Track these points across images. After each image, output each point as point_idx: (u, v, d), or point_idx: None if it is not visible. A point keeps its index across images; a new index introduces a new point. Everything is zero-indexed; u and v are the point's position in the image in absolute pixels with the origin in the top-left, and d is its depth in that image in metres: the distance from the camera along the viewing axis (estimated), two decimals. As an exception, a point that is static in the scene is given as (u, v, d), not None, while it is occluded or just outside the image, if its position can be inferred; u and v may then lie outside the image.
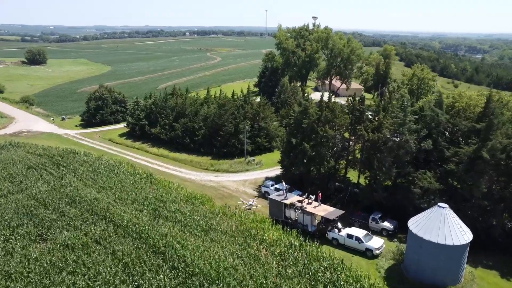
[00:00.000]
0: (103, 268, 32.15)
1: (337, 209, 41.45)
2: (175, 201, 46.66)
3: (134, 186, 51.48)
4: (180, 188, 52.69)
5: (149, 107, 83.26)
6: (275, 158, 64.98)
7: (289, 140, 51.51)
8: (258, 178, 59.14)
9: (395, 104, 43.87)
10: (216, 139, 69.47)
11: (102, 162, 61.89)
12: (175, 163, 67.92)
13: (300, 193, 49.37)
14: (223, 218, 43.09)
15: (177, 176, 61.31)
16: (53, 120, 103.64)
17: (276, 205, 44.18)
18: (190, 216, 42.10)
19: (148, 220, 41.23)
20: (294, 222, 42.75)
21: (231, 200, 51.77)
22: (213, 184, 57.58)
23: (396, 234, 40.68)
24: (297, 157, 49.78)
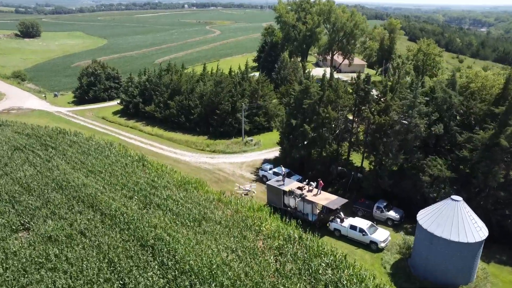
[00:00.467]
0: (86, 265, 29.75)
1: (339, 197, 38.81)
2: (167, 187, 44.00)
3: (125, 170, 48.71)
4: (173, 172, 49.96)
5: (143, 84, 79.66)
6: (274, 138, 61.99)
7: (288, 121, 48.38)
8: (256, 160, 56.36)
9: (404, 84, 40.51)
10: (212, 118, 66.36)
11: (93, 143, 58.92)
12: (169, 143, 65.00)
13: (300, 177, 46.72)
14: (218, 206, 40.53)
15: (171, 157, 58.53)
16: (45, 97, 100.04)
17: (275, 192, 41.55)
18: (183, 204, 39.49)
19: (137, 209, 38.64)
20: (294, 210, 40.23)
21: (227, 185, 49.16)
22: (208, 166, 54.85)
23: (402, 224, 38.22)
24: (297, 139, 46.80)
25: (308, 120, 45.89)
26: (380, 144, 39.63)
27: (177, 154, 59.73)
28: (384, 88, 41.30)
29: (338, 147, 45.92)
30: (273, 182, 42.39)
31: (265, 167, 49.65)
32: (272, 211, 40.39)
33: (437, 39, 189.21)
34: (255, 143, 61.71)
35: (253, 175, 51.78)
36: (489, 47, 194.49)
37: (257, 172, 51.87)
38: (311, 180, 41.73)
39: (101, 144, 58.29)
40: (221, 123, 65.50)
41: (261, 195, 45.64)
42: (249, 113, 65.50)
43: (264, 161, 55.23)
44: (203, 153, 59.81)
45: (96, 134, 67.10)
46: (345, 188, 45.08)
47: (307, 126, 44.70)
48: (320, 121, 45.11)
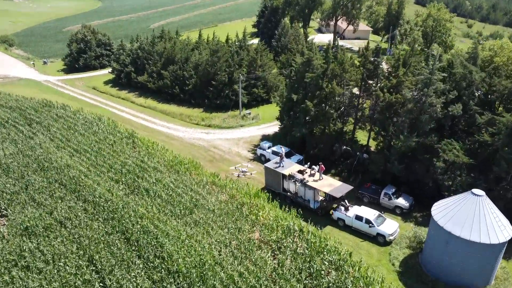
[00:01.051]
0: (64, 263, 26.87)
1: (344, 183, 35.52)
2: (157, 169, 40.67)
3: (113, 148, 45.25)
4: (164, 150, 46.52)
5: (135, 52, 74.83)
6: (273, 111, 58.09)
7: (289, 95, 44.37)
8: (254, 136, 52.79)
9: (418, 57, 36.27)
10: (208, 90, 62.21)
11: (80, 117, 55.13)
12: (163, 116, 61.21)
13: (301, 157, 43.37)
14: (212, 191, 37.38)
15: (164, 133, 54.94)
16: (33, 64, 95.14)
17: (273, 175, 38.29)
18: (173, 189, 36.29)
19: (123, 195, 35.48)
20: (294, 196, 37.12)
21: (222, 164, 45.86)
22: (203, 143, 51.36)
23: (411, 212, 35.17)
24: (298, 116, 42.99)
25: (311, 96, 41.92)
26: (389, 125, 35.91)
27: (170, 129, 56.10)
28: (396, 62, 37.05)
29: (343, 126, 42.17)
30: (272, 164, 39.02)
31: (263, 146, 46.17)
32: (270, 196, 37.28)
33: (445, 2, 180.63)
34: (253, 117, 57.94)
35: (250, 153, 48.38)
36: (501, 10, 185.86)
37: (255, 150, 48.44)
38: (313, 162, 38.40)
39: (89, 118, 54.51)
40: (217, 95, 61.44)
41: (259, 177, 42.43)
42: (247, 85, 61.32)
43: (262, 137, 51.67)
44: (198, 128, 56.15)
45: (85, 107, 63.15)
46: (349, 170, 41.77)
47: (309, 102, 40.77)
48: (324, 97, 41.16)
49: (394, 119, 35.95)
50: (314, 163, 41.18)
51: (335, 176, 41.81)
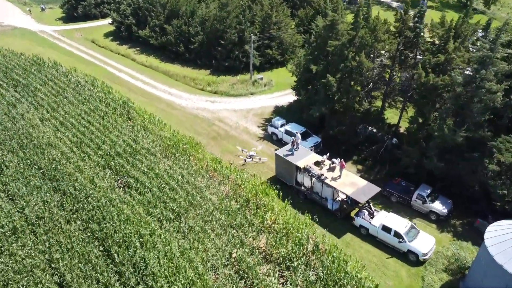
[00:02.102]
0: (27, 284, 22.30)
1: (370, 183, 29.48)
2: (151, 151, 35.11)
3: (104, 122, 39.61)
4: (162, 125, 40.72)
5: (136, 2, 66.73)
6: (289, 76, 51.10)
7: (307, 65, 37.31)
8: (265, 107, 46.35)
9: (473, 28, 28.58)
10: (216, 49, 54.94)
11: (72, 80, 49.12)
12: (165, 79, 54.66)
13: (318, 140, 37.27)
14: (212, 182, 31.97)
15: (165, 100, 48.80)
16: (29, 11, 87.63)
17: (285, 166, 32.50)
18: (167, 182, 30.92)
19: (109, 187, 30.32)
20: (309, 192, 31.47)
21: (227, 143, 40.03)
22: (207, 114, 45.24)
23: (449, 219, 29.34)
24: (317, 92, 36.22)
25: (333, 68, 34.83)
26: (430, 111, 29.09)
27: (172, 96, 49.85)
28: (446, 32, 29.34)
29: (370, 105, 35.33)
30: (284, 151, 33.05)
31: (275, 123, 39.85)
32: (280, 192, 31.65)
33: None
34: (265, 83, 51.06)
35: (260, 129, 42.23)
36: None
37: (266, 127, 42.27)
38: (332, 144, 32.41)
39: (81, 82, 48.43)
40: (226, 56, 54.26)
41: (269, 163, 36.61)
42: (260, 45, 53.83)
43: (274, 110, 45.25)
44: (202, 95, 49.72)
45: (80, 65, 57.09)
46: (375, 158, 35.57)
47: (331, 77, 33.78)
48: (349, 71, 34.06)
49: (437, 105, 29.04)
50: (333, 145, 35.30)
51: (357, 165, 35.85)
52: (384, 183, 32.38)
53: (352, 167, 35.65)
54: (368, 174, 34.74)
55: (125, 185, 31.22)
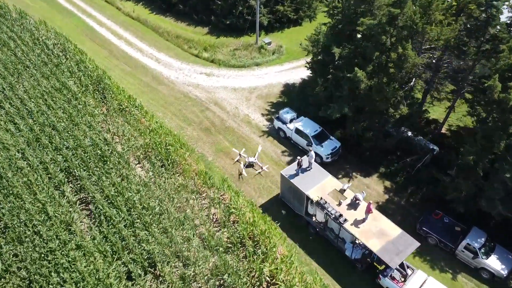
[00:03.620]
0: None
1: (406, 235, 21.83)
2: (123, 158, 27.69)
3: (70, 107, 31.76)
4: (143, 113, 32.78)
5: None
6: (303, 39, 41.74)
7: (328, 44, 28.14)
8: (273, 85, 37.60)
9: None
10: (215, 3, 44.69)
11: (39, 41, 40.26)
12: (154, 38, 45.22)
13: (337, 146, 29.29)
14: (199, 203, 25.02)
15: (151, 70, 40.06)
16: None
17: (293, 191, 25.03)
18: (139, 212, 23.89)
19: (61, 222, 23.44)
20: (322, 227, 24.30)
21: (223, 138, 32.26)
22: (200, 94, 36.83)
23: (508, 280, 22.23)
24: (339, 86, 27.46)
25: (363, 57, 25.78)
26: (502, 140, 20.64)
27: (159, 64, 40.97)
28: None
29: (410, 109, 26.62)
30: (292, 171, 25.30)
31: (283, 117, 31.52)
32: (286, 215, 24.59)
33: None
34: (274, 51, 41.67)
35: (265, 119, 34.04)
36: None
37: (272, 115, 34.07)
38: (354, 149, 24.61)
39: (50, 46, 39.57)
40: (228, 13, 44.20)
41: (273, 177, 29.07)
42: None
43: (284, 90, 36.56)
44: (197, 65, 40.73)
45: (56, 14, 47.97)
46: (409, 174, 27.72)
47: (360, 70, 24.85)
48: (384, 63, 25.04)
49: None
50: (354, 151, 27.59)
51: (384, 180, 28.19)
52: (419, 218, 25.04)
53: (377, 183, 28.10)
54: (398, 196, 27.26)
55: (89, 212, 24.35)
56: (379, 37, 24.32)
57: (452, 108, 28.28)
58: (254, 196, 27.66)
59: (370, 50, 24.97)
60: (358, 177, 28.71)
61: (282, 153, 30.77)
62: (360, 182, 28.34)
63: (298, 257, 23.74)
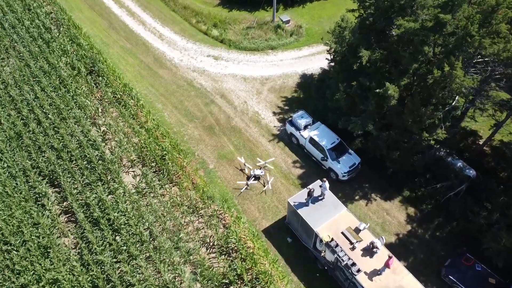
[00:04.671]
0: None
1: None
2: (113, 164, 24.51)
3: (56, 97, 28.35)
4: (139, 106, 29.18)
5: None
6: (328, 17, 36.76)
7: (355, 42, 23.45)
8: (288, 75, 33.14)
9: None
10: (228, -31, 39.19)
11: (32, 6, 36.17)
12: (159, 8, 40.37)
13: (356, 162, 25.53)
14: (195, 220, 22.11)
15: (153, 49, 35.74)
16: None
17: (301, 223, 21.68)
18: (125, 239, 21.08)
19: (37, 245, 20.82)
20: (331, 267, 21.14)
21: (227, 141, 28.63)
22: (205, 83, 32.72)
23: None
24: (364, 100, 23.12)
25: (397, 67, 21.22)
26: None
27: (163, 41, 36.53)
28: None
29: (447, 133, 22.25)
30: (301, 199, 21.80)
31: (297, 122, 27.42)
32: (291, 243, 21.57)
33: None
34: (292, 31, 36.63)
35: (277, 118, 30.04)
36: None
37: (285, 114, 30.05)
38: (374, 165, 21.18)
39: (40, 16, 35.47)
40: (242, -18, 38.76)
41: (281, 189, 25.64)
42: (290, -32, 37.64)
43: (301, 83, 32.15)
44: (204, 44, 36.16)
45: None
46: (437, 204, 23.89)
47: (392, 85, 20.44)
48: (422, 78, 20.50)
49: None
50: (375, 168, 24.07)
51: (408, 206, 24.57)
52: (446, 261, 21.59)
53: (399, 210, 24.52)
54: (422, 229, 23.72)
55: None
56: (420, 47, 19.62)
57: (502, 123, 23.70)
58: (258, 217, 24.46)
59: (407, 60, 20.35)
60: (377, 199, 25.07)
61: (293, 164, 27.10)
62: (379, 206, 24.74)
63: (302, 298, 20.92)
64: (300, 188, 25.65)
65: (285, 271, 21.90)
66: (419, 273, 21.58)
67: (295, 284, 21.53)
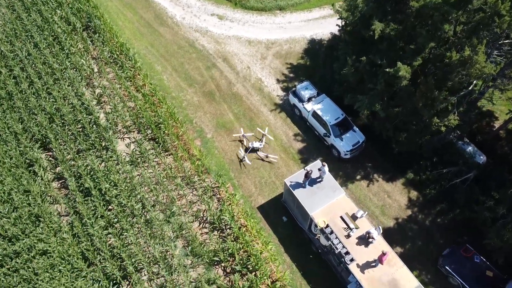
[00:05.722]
0: None
1: None
2: (107, 131, 23.64)
3: (50, 56, 26.93)
4: (138, 69, 27.72)
5: None
6: None
7: (367, 15, 21.39)
8: (296, 40, 31.04)
9: None
10: None
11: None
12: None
13: (360, 141, 24.27)
14: (189, 193, 21.67)
15: (154, 5, 33.53)
16: None
17: (297, 204, 20.97)
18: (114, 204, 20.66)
19: (28, 213, 20.49)
20: (325, 250, 20.67)
21: (227, 108, 27.41)
22: (208, 44, 30.88)
23: None
24: (373, 77, 21.46)
25: (411, 45, 19.37)
26: None
27: (166, -4, 34.18)
28: None
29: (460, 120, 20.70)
30: (298, 178, 20.91)
31: (301, 93, 25.92)
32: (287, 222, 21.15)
33: None
34: (303, -10, 33.88)
35: (280, 87, 28.48)
36: None
37: (289, 83, 28.47)
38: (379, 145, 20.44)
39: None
40: None
41: (281, 164, 24.71)
42: None
43: (309, 48, 30.19)
44: (208, 0, 33.75)
45: None
46: (441, 190, 22.87)
47: (404, 67, 18.75)
48: (440, 61, 18.74)
49: None
50: (378, 148, 23.19)
51: (411, 189, 23.67)
52: (444, 250, 20.96)
53: (401, 193, 23.63)
54: (423, 214, 22.94)
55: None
56: (440, 25, 17.66)
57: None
58: (254, 193, 23.77)
59: (424, 38, 18.47)
60: (379, 181, 24.11)
61: (295, 137, 25.96)
62: (380, 188, 23.83)
63: (293, 281, 20.67)
64: (299, 163, 24.73)
65: (278, 251, 21.52)
66: (416, 260, 21.14)
67: (287, 265, 21.20)
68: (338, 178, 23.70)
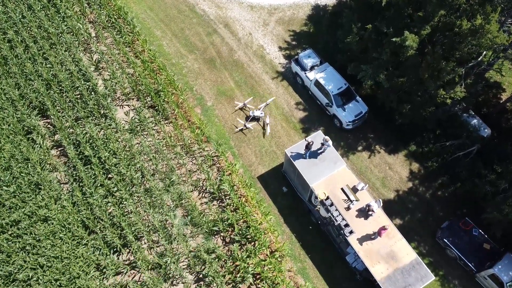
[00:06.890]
0: None
1: (421, 264, 17.99)
2: (105, 98, 23.25)
3: (44, 24, 26.08)
4: (136, 35, 26.90)
5: None
6: None
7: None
8: (299, 5, 29.94)
9: None
10: None
11: None
12: None
13: (363, 111, 23.80)
14: (189, 162, 21.61)
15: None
16: None
17: (297, 175, 20.84)
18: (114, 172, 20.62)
19: (27, 182, 20.44)
20: (324, 222, 20.75)
21: (227, 75, 26.79)
22: (209, 9, 29.84)
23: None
24: (378, 46, 20.73)
25: (419, 13, 18.56)
26: None
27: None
28: None
29: (466, 91, 20.13)
30: (298, 148, 20.68)
31: (303, 62, 25.21)
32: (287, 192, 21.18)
33: None
34: (310, -50, 32.27)
35: (282, 54, 27.69)
36: None
37: (291, 50, 27.66)
38: (384, 117, 20.21)
39: None
40: None
41: (281, 133, 24.40)
42: None
43: (312, 14, 29.12)
44: (210, -39, 32.33)
45: None
46: (443, 163, 22.66)
47: (411, 36, 18.04)
48: (449, 30, 17.99)
49: None
50: (381, 119, 22.93)
51: (412, 161, 23.44)
52: (443, 223, 21.00)
53: (403, 165, 23.44)
54: (423, 186, 22.82)
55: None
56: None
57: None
58: (254, 162, 23.61)
59: (434, 6, 17.64)
60: (381, 152, 23.86)
61: (296, 106, 25.50)
62: (382, 159, 23.61)
63: (292, 251, 20.88)
64: (301, 133, 24.44)
65: (278, 222, 21.61)
66: (414, 232, 21.24)
67: (286, 236, 21.33)
68: (339, 149, 23.49)
